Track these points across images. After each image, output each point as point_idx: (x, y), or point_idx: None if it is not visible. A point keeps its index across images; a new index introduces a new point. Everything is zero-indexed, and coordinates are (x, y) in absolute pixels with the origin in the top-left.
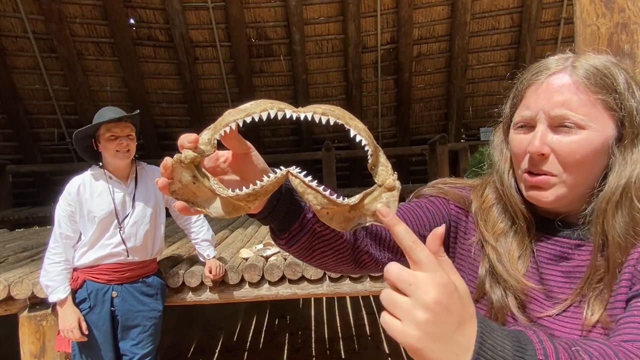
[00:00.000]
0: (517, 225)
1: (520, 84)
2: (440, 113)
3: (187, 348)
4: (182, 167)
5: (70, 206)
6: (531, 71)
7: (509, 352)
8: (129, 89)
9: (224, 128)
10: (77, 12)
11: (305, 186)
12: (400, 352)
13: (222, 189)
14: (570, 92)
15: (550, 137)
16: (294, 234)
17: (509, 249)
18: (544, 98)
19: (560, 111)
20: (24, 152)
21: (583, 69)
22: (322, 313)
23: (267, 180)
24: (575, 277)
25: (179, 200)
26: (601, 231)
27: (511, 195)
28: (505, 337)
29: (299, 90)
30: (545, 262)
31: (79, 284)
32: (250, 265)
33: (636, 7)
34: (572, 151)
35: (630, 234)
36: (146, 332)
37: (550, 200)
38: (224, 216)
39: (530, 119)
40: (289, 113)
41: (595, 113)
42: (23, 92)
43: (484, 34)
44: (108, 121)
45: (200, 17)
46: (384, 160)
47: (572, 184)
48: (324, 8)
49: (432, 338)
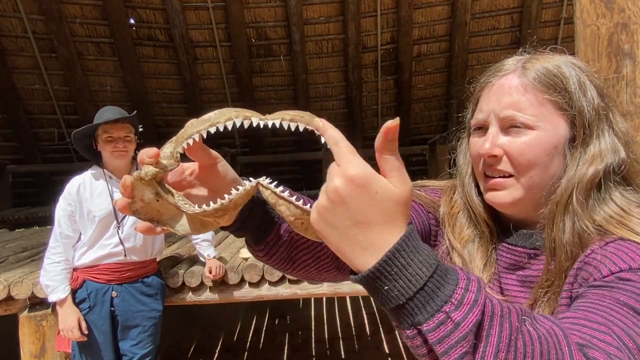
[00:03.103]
0: (480, 231)
1: (476, 88)
2: (440, 113)
3: (187, 348)
4: (142, 184)
5: (70, 206)
6: (486, 74)
7: (421, 278)
8: (129, 89)
9: (186, 140)
10: (77, 12)
11: (276, 197)
12: (400, 352)
13: (188, 205)
14: (519, 93)
15: (502, 138)
16: (270, 245)
17: (475, 256)
18: (494, 100)
19: (509, 112)
20: (24, 152)
21: (533, 70)
22: (322, 313)
23: (235, 193)
24: (530, 286)
25: (142, 220)
26: (551, 235)
27: (472, 200)
28: (424, 265)
29: (299, 90)
30: (503, 271)
31: (78, 283)
32: (250, 265)
33: (636, 7)
34: (522, 152)
35: (575, 239)
36: (146, 332)
37: (508, 202)
38: (191, 233)
39: (484, 122)
40: (255, 121)
41: (545, 113)
42: (23, 92)
43: (484, 34)
44: (104, 122)
45: (200, 17)
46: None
47: (527, 185)
48: (324, 8)
49: (325, 223)
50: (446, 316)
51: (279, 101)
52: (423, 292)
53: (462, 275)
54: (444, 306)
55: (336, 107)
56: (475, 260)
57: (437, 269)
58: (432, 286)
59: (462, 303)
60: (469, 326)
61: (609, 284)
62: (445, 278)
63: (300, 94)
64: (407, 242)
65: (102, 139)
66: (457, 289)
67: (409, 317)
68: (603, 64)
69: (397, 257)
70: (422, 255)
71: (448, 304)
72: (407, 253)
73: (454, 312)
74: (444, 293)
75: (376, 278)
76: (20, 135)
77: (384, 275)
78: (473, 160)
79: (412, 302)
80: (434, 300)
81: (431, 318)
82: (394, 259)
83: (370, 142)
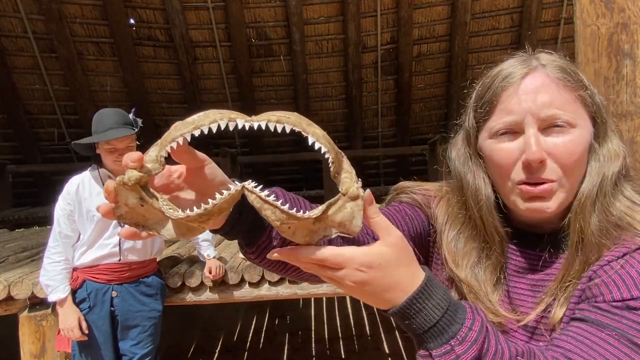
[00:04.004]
0: (489, 248)
1: (488, 92)
2: (440, 113)
3: (187, 348)
4: (126, 189)
5: (70, 205)
6: (499, 77)
7: (434, 318)
8: (129, 89)
9: (170, 144)
10: (77, 12)
11: (262, 202)
12: (400, 352)
13: (172, 209)
14: (553, 90)
15: (544, 140)
16: (262, 247)
17: (484, 279)
18: (528, 99)
19: (550, 111)
20: (24, 152)
21: (553, 67)
22: (322, 313)
23: (219, 198)
24: (538, 290)
25: (126, 225)
26: (579, 229)
27: (490, 215)
28: (436, 308)
29: (299, 90)
30: (514, 274)
31: (78, 283)
32: (250, 265)
33: (636, 7)
34: (570, 152)
35: (603, 233)
36: (146, 332)
37: (553, 210)
38: (177, 238)
39: (515, 125)
40: (240, 123)
41: (578, 109)
42: (23, 92)
43: (484, 34)
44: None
45: (200, 17)
46: (348, 166)
47: (569, 187)
48: (324, 8)
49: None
50: (451, 348)
51: (279, 101)
52: (435, 328)
53: (469, 315)
54: (450, 340)
55: (336, 107)
56: (485, 284)
57: (448, 310)
58: (443, 324)
59: (465, 340)
60: (468, 359)
61: (614, 311)
62: (455, 317)
63: (300, 94)
64: (424, 290)
65: (104, 148)
66: (462, 327)
67: (425, 343)
68: (603, 64)
69: (414, 303)
70: (435, 300)
71: (454, 339)
72: (422, 299)
73: (457, 346)
74: (452, 330)
75: (401, 316)
76: (20, 135)
77: (405, 315)
78: (502, 169)
79: (426, 334)
80: (443, 335)
81: (440, 347)
82: (411, 304)
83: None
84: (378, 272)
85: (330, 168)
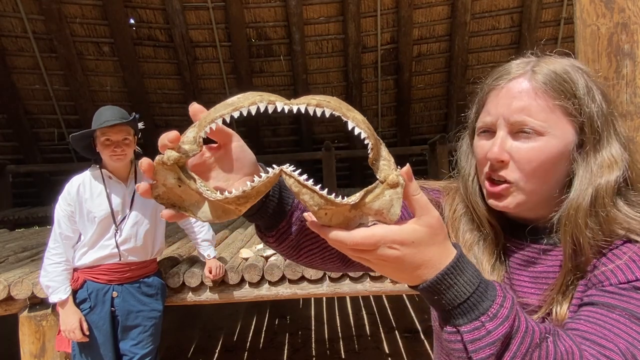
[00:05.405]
0: (484, 233)
1: (482, 89)
2: (440, 113)
3: (187, 348)
4: (165, 169)
5: (70, 206)
6: (493, 76)
7: (465, 294)
8: (129, 89)
9: (209, 125)
10: (77, 12)
11: (300, 186)
12: (400, 352)
13: (210, 191)
14: (530, 97)
15: (510, 143)
16: (282, 232)
17: (481, 259)
18: (504, 104)
19: (519, 117)
20: (24, 152)
21: (542, 74)
22: (322, 313)
23: (258, 180)
24: (541, 282)
25: (164, 206)
26: (571, 238)
27: (475, 203)
28: (468, 284)
29: (298, 90)
30: (515, 268)
31: (79, 284)
32: (250, 265)
33: (636, 7)
34: (530, 158)
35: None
36: (146, 332)
37: (511, 208)
38: (213, 221)
39: (491, 125)
40: (280, 106)
41: (555, 119)
42: (23, 92)
43: (484, 34)
44: (102, 126)
45: (200, 17)
46: (386, 154)
47: (530, 191)
48: (324, 8)
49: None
50: (481, 324)
51: None
52: (465, 304)
53: (500, 292)
54: (480, 317)
55: None
56: (483, 263)
57: (479, 286)
58: (474, 300)
59: (497, 316)
60: (498, 335)
61: (622, 292)
62: (485, 294)
63: (300, 94)
64: (455, 265)
65: (100, 141)
66: (493, 304)
67: (453, 319)
68: (603, 64)
69: (445, 279)
70: (466, 276)
71: (484, 316)
72: (453, 275)
73: (488, 322)
74: (483, 306)
75: (431, 291)
76: (20, 135)
77: (435, 290)
78: (478, 163)
79: (456, 310)
80: (473, 311)
81: (469, 323)
82: (442, 280)
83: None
84: (411, 249)
85: (369, 154)
